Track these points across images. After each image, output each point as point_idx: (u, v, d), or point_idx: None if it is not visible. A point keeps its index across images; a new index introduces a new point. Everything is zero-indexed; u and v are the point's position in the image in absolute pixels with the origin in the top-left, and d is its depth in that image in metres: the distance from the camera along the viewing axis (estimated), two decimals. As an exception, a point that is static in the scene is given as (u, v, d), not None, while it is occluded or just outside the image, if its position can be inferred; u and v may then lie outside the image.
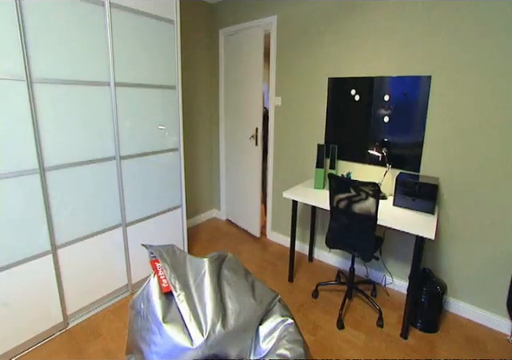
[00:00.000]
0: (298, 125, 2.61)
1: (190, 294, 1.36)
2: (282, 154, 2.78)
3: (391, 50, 2.02)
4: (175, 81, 2.22)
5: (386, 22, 2.00)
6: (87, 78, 1.74)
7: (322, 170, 2.25)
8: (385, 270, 2.27)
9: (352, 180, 1.68)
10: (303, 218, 2.72)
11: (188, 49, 2.87)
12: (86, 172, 1.81)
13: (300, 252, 2.81)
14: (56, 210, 1.70)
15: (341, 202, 1.81)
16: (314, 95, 2.46)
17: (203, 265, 1.46)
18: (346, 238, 1.87)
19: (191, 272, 1.45)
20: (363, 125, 2.23)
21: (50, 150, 1.64)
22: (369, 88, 2.15)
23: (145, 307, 1.34)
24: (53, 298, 1.76)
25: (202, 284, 1.40)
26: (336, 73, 2.30)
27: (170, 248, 1.52)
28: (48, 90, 1.59)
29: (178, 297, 1.32)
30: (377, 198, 1.64)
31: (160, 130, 2.17)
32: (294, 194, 2.15)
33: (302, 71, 2.49)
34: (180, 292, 1.34)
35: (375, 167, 2.21)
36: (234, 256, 1.68)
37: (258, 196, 2.89)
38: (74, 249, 1.82)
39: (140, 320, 1.35)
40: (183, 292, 1.35)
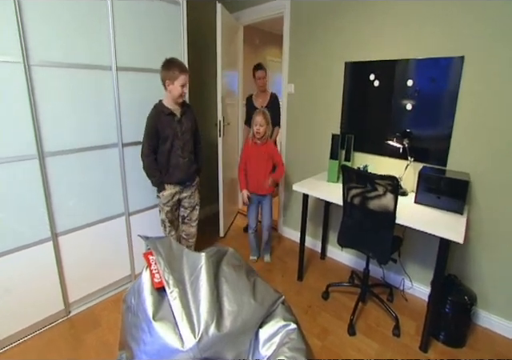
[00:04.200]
0: (312, 113, 2.43)
1: (184, 291, 1.26)
2: (294, 144, 2.62)
3: (417, 28, 1.79)
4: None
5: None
6: (88, 61, 1.67)
7: (337, 162, 2.07)
8: (403, 273, 2.08)
9: (368, 173, 1.51)
10: (316, 213, 2.56)
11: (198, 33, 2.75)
12: (87, 159, 1.76)
13: (312, 249, 2.66)
14: (56, 198, 1.66)
15: (355, 198, 1.64)
16: (329, 81, 2.27)
17: (200, 260, 1.35)
18: (360, 237, 1.70)
19: (187, 267, 1.35)
20: (382, 113, 2.02)
21: (49, 135, 1.59)
22: (390, 72, 1.94)
23: (135, 302, 1.26)
24: (54, 286, 1.74)
25: (198, 280, 1.30)
26: (354, 56, 2.10)
27: (166, 240, 1.43)
28: (46, 73, 1.53)
29: (170, 293, 1.23)
30: (396, 194, 1.45)
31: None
32: (305, 187, 2.00)
33: (317, 56, 2.31)
34: (173, 288, 1.25)
35: (395, 160, 2.01)
36: (235, 251, 1.56)
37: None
38: (76, 237, 1.78)
39: (130, 316, 1.27)
40: (177, 288, 1.25)
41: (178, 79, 1.67)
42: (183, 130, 1.80)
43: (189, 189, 1.95)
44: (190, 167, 1.88)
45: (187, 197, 1.96)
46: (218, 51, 2.40)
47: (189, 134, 1.84)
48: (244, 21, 2.83)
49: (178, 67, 1.68)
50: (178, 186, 1.88)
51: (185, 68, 1.71)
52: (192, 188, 1.97)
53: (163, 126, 1.74)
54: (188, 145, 1.84)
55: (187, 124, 1.82)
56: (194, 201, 2.01)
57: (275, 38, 4.95)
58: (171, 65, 1.69)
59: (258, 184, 2.20)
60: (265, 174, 2.17)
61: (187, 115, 1.83)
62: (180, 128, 1.79)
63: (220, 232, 2.85)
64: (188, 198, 1.97)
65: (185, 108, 1.83)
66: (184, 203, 1.98)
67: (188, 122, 1.83)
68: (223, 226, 2.82)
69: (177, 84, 1.68)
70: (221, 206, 2.76)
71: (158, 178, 1.82)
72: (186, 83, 1.70)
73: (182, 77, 1.67)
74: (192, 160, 1.89)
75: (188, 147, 1.85)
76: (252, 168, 2.19)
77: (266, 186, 2.18)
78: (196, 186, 2.01)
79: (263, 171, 2.16)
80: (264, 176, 2.17)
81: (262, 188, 2.19)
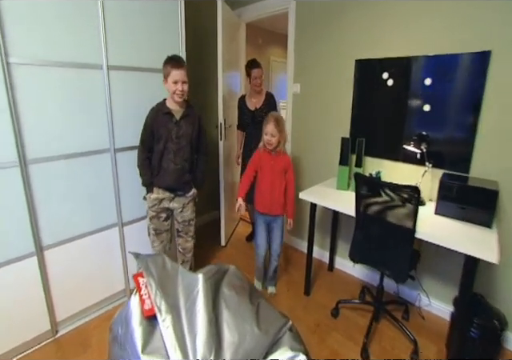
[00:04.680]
0: (319, 115, 2.28)
1: (179, 319, 1.11)
2: (300, 148, 2.46)
3: (436, 21, 1.63)
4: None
5: (432, -13, 1.62)
6: (76, 59, 1.53)
7: (347, 168, 1.91)
8: (420, 287, 1.91)
9: (385, 182, 1.35)
10: (323, 221, 2.40)
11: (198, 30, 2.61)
12: (76, 166, 1.61)
13: (319, 260, 2.49)
14: (42, 208, 1.52)
15: (369, 209, 1.48)
16: (337, 81, 2.12)
17: (196, 282, 1.20)
18: (374, 252, 1.54)
19: (182, 289, 1.20)
20: (397, 115, 1.86)
21: (32, 140, 1.45)
22: (405, 70, 1.78)
23: (123, 333, 1.11)
24: (39, 305, 1.59)
25: (194, 306, 1.14)
26: (365, 54, 1.94)
27: (158, 258, 1.28)
28: (28, 73, 1.39)
29: (162, 322, 1.08)
30: (416, 206, 1.29)
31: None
32: (313, 196, 1.84)
33: (325, 53, 2.15)
34: (166, 316, 1.09)
35: (410, 166, 1.85)
36: (237, 270, 1.40)
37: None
38: (64, 250, 1.64)
39: (117, 347, 1.12)
40: (170, 315, 1.10)
41: (170, 75, 1.53)
42: (180, 133, 1.63)
43: (181, 200, 1.76)
44: (181, 176, 1.69)
45: (179, 209, 1.77)
46: (219, 49, 2.26)
47: (186, 140, 1.66)
48: (246, 18, 2.69)
49: (170, 62, 1.54)
50: (166, 192, 1.71)
51: (179, 63, 1.55)
52: (184, 200, 1.77)
53: (158, 125, 1.61)
54: (183, 151, 1.66)
55: (186, 128, 1.65)
56: (187, 215, 1.80)
57: (279, 37, 4.82)
58: (166, 61, 1.57)
59: (271, 202, 1.82)
60: (280, 191, 1.81)
61: (188, 120, 1.66)
62: (176, 131, 1.62)
63: (221, 241, 2.70)
64: (180, 211, 1.78)
65: (187, 111, 1.66)
66: (176, 217, 1.81)
67: (188, 127, 1.66)
68: (224, 234, 2.67)
69: (170, 80, 1.54)
70: (222, 213, 2.61)
71: (148, 177, 1.68)
72: (180, 80, 1.54)
73: (173, 72, 1.52)
74: (186, 169, 1.70)
75: (182, 154, 1.66)
76: (265, 181, 1.80)
77: (279, 205, 1.83)
78: (191, 199, 1.80)
79: (278, 186, 1.80)
80: (279, 193, 1.81)
81: (274, 207, 1.83)
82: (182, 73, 1.54)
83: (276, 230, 1.91)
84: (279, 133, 1.71)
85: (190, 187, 1.78)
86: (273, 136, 1.71)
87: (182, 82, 1.55)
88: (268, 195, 1.81)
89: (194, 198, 1.82)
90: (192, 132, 1.68)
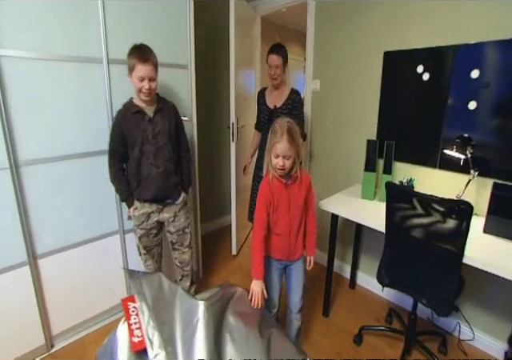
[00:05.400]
0: (342, 114, 2.05)
1: (174, 355, 0.93)
2: (320, 151, 2.24)
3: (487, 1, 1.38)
4: (187, 58, 1.82)
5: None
6: (72, 52, 1.40)
7: (373, 175, 1.68)
8: (461, 317, 1.63)
9: (429, 196, 1.12)
10: (345, 231, 2.16)
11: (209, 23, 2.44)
12: (73, 168, 1.49)
13: (339, 274, 2.26)
14: (35, 214, 1.41)
15: (403, 224, 1.25)
16: (363, 76, 1.88)
17: (197, 310, 1.01)
18: (409, 276, 1.30)
19: (180, 317, 1.01)
20: (434, 114, 1.61)
21: (25, 141, 1.33)
22: (446, 62, 1.53)
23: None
24: (33, 317, 1.47)
25: (193, 339, 0.96)
26: (396, 44, 1.70)
27: (155, 279, 1.10)
28: (20, 67, 1.28)
29: (154, 358, 0.90)
30: (467, 225, 1.05)
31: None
32: (335, 206, 1.63)
33: (348, 46, 1.93)
34: (159, 351, 0.91)
35: (450, 173, 1.59)
36: (246, 293, 1.21)
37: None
38: (60, 259, 1.52)
39: None
40: (163, 351, 0.92)
41: (135, 70, 1.32)
42: (156, 131, 1.42)
43: (171, 208, 1.54)
44: (167, 179, 1.48)
45: (170, 219, 1.56)
46: (231, 44, 2.09)
47: (165, 138, 1.44)
48: (262, 10, 2.51)
49: (135, 54, 1.32)
50: (154, 205, 1.50)
51: (145, 57, 1.32)
52: (175, 207, 1.55)
53: (130, 127, 1.39)
54: (163, 151, 1.45)
55: (162, 125, 1.44)
56: (180, 224, 1.59)
57: (296, 34, 4.60)
58: (131, 52, 1.34)
59: (289, 246, 1.30)
60: (301, 229, 1.32)
61: (163, 114, 1.45)
62: (152, 129, 1.41)
63: (232, 249, 2.52)
64: (172, 220, 1.56)
65: (160, 105, 1.45)
66: (168, 228, 1.59)
67: (164, 121, 1.44)
68: (236, 241, 2.49)
69: (134, 76, 1.33)
70: (233, 219, 2.43)
71: (123, 191, 1.47)
72: (146, 76, 1.32)
73: (138, 67, 1.30)
74: (170, 170, 1.49)
75: (163, 154, 1.45)
76: (281, 222, 1.26)
77: (301, 247, 1.34)
78: (181, 204, 1.58)
79: (298, 224, 1.29)
80: (301, 233, 1.32)
81: (294, 251, 1.33)
82: (149, 68, 1.32)
83: (296, 277, 1.37)
84: (295, 151, 1.16)
85: (179, 192, 1.56)
86: (286, 158, 1.15)
87: (149, 79, 1.33)
88: (286, 240, 1.29)
89: (185, 204, 1.62)
90: (170, 127, 1.47)
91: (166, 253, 1.72)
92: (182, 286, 1.68)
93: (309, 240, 1.37)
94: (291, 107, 1.87)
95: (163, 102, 1.48)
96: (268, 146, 1.19)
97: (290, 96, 1.89)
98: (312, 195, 1.33)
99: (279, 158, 1.16)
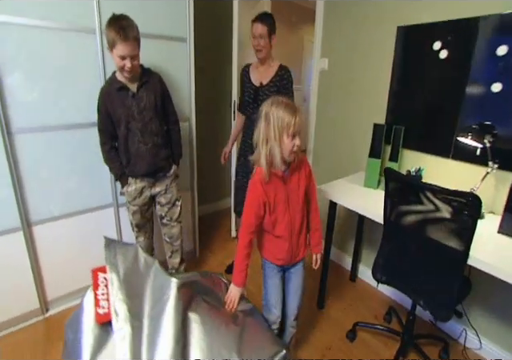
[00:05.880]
0: (351, 96, 1.90)
1: (139, 330, 0.89)
2: (326, 133, 2.11)
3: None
4: (186, 30, 1.74)
5: None
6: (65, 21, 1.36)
7: (378, 162, 1.55)
8: (467, 323, 1.49)
9: (428, 185, 1.00)
10: (347, 219, 2.05)
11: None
12: (66, 138, 1.49)
13: (339, 265, 2.17)
14: (29, 181, 1.43)
15: (403, 216, 1.14)
16: (373, 54, 1.72)
17: (168, 286, 0.96)
18: (407, 274, 1.20)
19: (151, 293, 0.97)
20: (450, 97, 1.45)
21: (18, 108, 1.34)
22: (467, 37, 1.35)
23: (73, 337, 0.93)
24: (27, 281, 1.52)
25: (161, 316, 0.91)
26: (411, 17, 1.53)
27: (131, 250, 1.05)
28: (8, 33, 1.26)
29: (118, 331, 0.87)
30: (474, 222, 0.93)
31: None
32: (334, 193, 1.53)
33: (359, 20, 1.76)
34: (124, 324, 0.88)
35: (465, 164, 1.44)
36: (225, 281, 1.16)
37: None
38: (55, 227, 1.55)
39: (66, 353, 0.95)
40: (129, 325, 0.88)
41: (115, 48, 1.22)
42: (141, 107, 1.37)
43: (162, 181, 1.53)
44: (156, 154, 1.44)
45: (162, 192, 1.55)
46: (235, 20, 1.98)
47: (151, 112, 1.39)
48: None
49: (114, 29, 1.20)
50: (145, 180, 1.48)
51: (126, 34, 1.20)
52: (167, 180, 1.54)
53: (114, 104, 1.34)
54: (150, 126, 1.40)
55: (148, 99, 1.37)
56: (172, 195, 1.58)
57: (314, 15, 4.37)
58: (109, 24, 1.22)
59: (291, 249, 1.15)
60: (304, 226, 1.17)
61: (148, 87, 1.38)
62: (137, 105, 1.35)
63: (231, 231, 2.50)
64: (164, 193, 1.55)
65: (144, 78, 1.37)
66: (159, 199, 1.57)
67: (149, 95, 1.38)
68: (235, 224, 2.45)
69: (115, 53, 1.24)
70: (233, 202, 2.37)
71: (117, 169, 1.45)
72: (128, 55, 1.23)
73: (119, 46, 1.21)
74: (159, 145, 1.45)
75: (150, 129, 1.40)
76: (280, 223, 1.10)
77: (303, 247, 1.20)
78: (172, 176, 1.57)
79: (300, 220, 1.13)
80: (303, 230, 1.17)
81: (296, 253, 1.17)
82: (130, 46, 1.22)
83: (295, 282, 1.23)
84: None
85: (170, 164, 1.54)
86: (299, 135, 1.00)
87: (131, 57, 1.24)
88: (288, 242, 1.13)
89: (176, 176, 1.60)
90: (156, 101, 1.41)
91: (157, 230, 1.70)
92: (172, 263, 1.71)
93: (313, 236, 1.23)
94: (279, 85, 1.66)
95: (148, 75, 1.40)
96: (274, 132, 0.97)
97: (277, 72, 1.68)
98: (313, 185, 1.18)
99: (296, 138, 0.98)
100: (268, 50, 1.65)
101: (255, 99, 1.71)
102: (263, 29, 1.59)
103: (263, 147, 0.99)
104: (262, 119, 0.99)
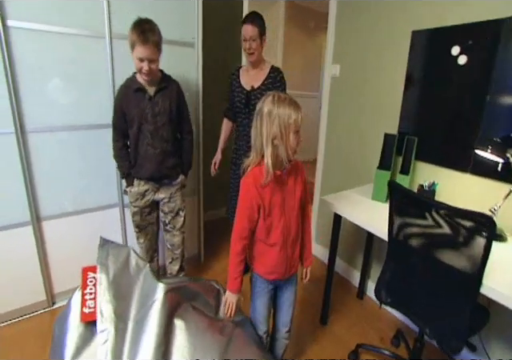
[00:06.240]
0: (362, 104, 1.83)
1: (123, 333, 0.88)
2: (337, 142, 2.04)
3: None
4: (194, 35, 1.75)
5: None
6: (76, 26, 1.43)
7: (388, 174, 1.47)
8: (484, 355, 1.33)
9: (433, 202, 0.91)
10: (355, 232, 1.96)
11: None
12: (76, 139, 1.56)
13: (347, 281, 2.07)
14: (40, 178, 1.50)
15: (409, 235, 1.05)
16: (386, 60, 1.65)
17: (155, 290, 0.94)
18: (413, 297, 1.10)
19: (139, 297, 0.96)
20: (470, 106, 1.34)
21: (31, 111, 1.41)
22: (490, 40, 1.25)
23: (58, 334, 0.93)
24: (34, 274, 1.58)
25: (145, 321, 0.90)
26: (427, 21, 1.44)
27: (123, 251, 1.05)
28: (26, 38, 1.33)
29: (101, 332, 0.86)
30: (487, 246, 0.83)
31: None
32: (339, 204, 1.45)
33: (372, 25, 1.70)
34: (108, 325, 0.87)
35: (485, 180, 1.32)
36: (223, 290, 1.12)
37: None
38: (64, 223, 1.61)
39: (52, 349, 0.95)
40: (112, 327, 0.87)
41: (135, 50, 1.25)
42: (156, 111, 1.38)
43: (167, 189, 1.53)
44: (163, 161, 1.45)
45: (165, 199, 1.55)
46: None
47: (164, 118, 1.40)
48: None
49: (135, 33, 1.23)
50: (149, 183, 1.48)
51: (146, 37, 1.23)
52: (172, 188, 1.54)
53: (129, 104, 1.36)
54: (162, 131, 1.41)
55: (163, 104, 1.39)
56: (176, 205, 1.57)
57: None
58: (132, 27, 1.26)
59: (287, 260, 1.06)
60: (298, 234, 1.08)
61: (165, 93, 1.40)
62: (152, 108, 1.37)
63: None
64: (167, 201, 1.55)
65: (163, 82, 1.40)
66: (163, 207, 1.58)
67: (165, 101, 1.40)
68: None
69: (134, 55, 1.27)
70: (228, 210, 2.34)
71: (125, 168, 1.46)
72: (146, 58, 1.25)
73: (138, 48, 1.24)
74: (168, 152, 1.45)
75: (162, 134, 1.41)
76: (278, 230, 1.02)
77: (297, 259, 1.12)
78: (178, 185, 1.56)
79: (294, 230, 1.05)
80: (298, 240, 1.09)
81: (291, 265, 1.09)
82: (149, 50, 1.25)
83: (288, 295, 1.16)
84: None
85: (177, 173, 1.54)
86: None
87: (149, 60, 1.26)
88: (283, 251, 1.04)
89: (182, 186, 1.59)
90: (171, 107, 1.42)
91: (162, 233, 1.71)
92: (171, 270, 1.70)
93: (305, 248, 1.15)
94: (272, 88, 1.59)
95: (167, 81, 1.43)
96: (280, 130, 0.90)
97: (269, 74, 1.61)
98: (308, 193, 1.11)
99: (299, 134, 0.94)
100: (259, 52, 1.58)
101: (247, 104, 1.64)
102: (254, 30, 1.51)
103: (268, 147, 0.92)
104: (263, 118, 0.92)
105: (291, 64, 4.10)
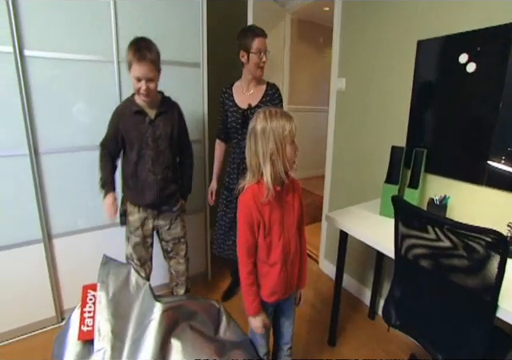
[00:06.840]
0: (368, 116, 1.79)
1: (119, 353, 0.88)
2: (344, 156, 2.01)
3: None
4: (199, 56, 1.78)
5: None
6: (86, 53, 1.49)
7: (395, 188, 1.41)
8: None
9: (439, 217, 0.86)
10: (365, 249, 1.88)
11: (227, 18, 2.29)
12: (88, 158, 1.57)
13: (358, 300, 1.97)
14: (52, 196, 1.54)
15: (416, 253, 0.99)
16: (393, 70, 1.62)
17: (152, 310, 0.93)
18: (423, 319, 1.02)
19: (137, 316, 0.96)
20: (481, 116, 1.28)
21: (44, 133, 1.47)
22: (500, 46, 1.20)
23: (57, 353, 0.93)
24: (44, 290, 1.59)
25: (142, 339, 0.88)
26: (433, 29, 1.41)
27: (123, 270, 1.05)
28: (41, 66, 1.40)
29: (97, 351, 0.86)
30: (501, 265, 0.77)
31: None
32: (344, 220, 1.40)
33: (377, 37, 1.68)
34: (105, 345, 0.87)
35: (502, 193, 1.24)
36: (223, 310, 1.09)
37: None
38: (74, 241, 1.63)
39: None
40: (109, 346, 0.87)
41: (132, 69, 1.19)
42: (157, 135, 1.32)
43: (167, 216, 1.45)
44: (164, 188, 1.37)
45: (166, 227, 1.47)
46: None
47: (165, 143, 1.34)
48: (291, 6, 2.36)
49: (132, 50, 1.18)
50: (148, 211, 1.40)
51: (142, 54, 1.16)
52: (172, 215, 1.46)
53: (127, 127, 1.30)
54: (163, 157, 1.34)
55: (164, 128, 1.33)
56: (177, 233, 1.49)
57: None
58: (129, 45, 1.21)
59: (287, 280, 1.03)
60: (298, 252, 1.05)
61: (166, 117, 1.34)
62: (152, 133, 1.31)
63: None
64: (168, 228, 1.47)
65: (164, 105, 1.34)
66: (163, 236, 1.49)
67: (166, 125, 1.33)
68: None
69: (131, 74, 1.20)
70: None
71: (105, 177, 1.35)
72: (143, 77, 1.18)
73: (134, 67, 1.17)
74: (169, 179, 1.38)
75: (163, 160, 1.35)
76: (278, 248, 0.98)
77: (296, 280, 1.08)
78: (178, 212, 1.48)
79: (294, 248, 1.02)
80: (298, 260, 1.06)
81: (292, 284, 1.06)
82: (146, 68, 1.18)
83: (288, 314, 1.14)
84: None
85: (177, 199, 1.47)
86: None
87: (146, 79, 1.20)
88: (284, 270, 1.00)
89: (182, 211, 1.53)
90: (172, 131, 1.36)
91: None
92: (176, 292, 1.62)
93: (301, 270, 1.10)
94: (270, 105, 1.50)
95: (167, 104, 1.37)
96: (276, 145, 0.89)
97: (267, 91, 1.53)
98: (304, 210, 1.06)
99: (294, 144, 0.93)
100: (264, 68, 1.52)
101: (243, 124, 1.53)
102: (266, 43, 1.47)
103: (266, 164, 0.90)
104: (257, 136, 0.90)
105: (299, 79, 4.15)
